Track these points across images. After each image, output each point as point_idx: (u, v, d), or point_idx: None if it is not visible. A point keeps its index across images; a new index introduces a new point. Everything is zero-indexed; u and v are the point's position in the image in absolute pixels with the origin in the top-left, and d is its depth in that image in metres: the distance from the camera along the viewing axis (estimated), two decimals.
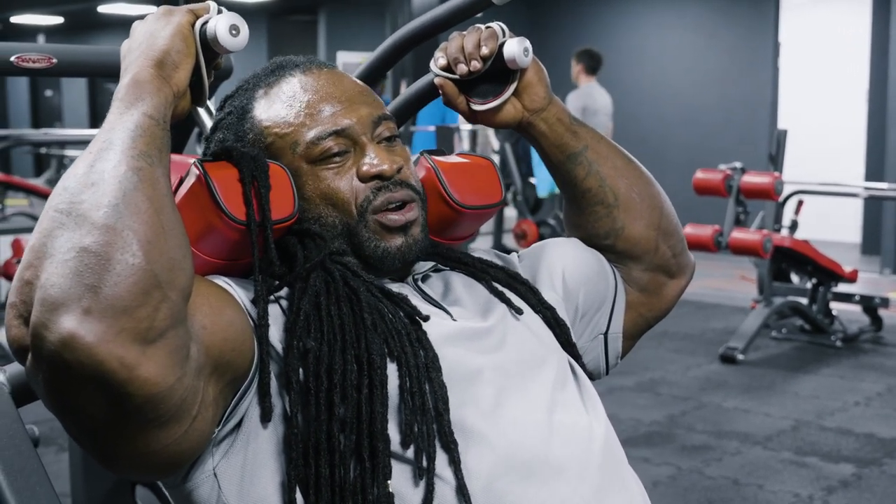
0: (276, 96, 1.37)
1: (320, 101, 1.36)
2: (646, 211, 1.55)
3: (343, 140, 1.34)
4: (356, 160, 1.35)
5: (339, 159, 1.34)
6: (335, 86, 1.38)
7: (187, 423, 1.08)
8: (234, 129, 1.38)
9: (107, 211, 1.02)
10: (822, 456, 4.19)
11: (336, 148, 1.34)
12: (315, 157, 1.33)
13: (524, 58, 1.43)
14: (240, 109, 1.39)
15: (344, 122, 1.35)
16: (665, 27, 11.67)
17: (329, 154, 1.33)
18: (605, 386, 5.09)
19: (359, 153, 1.35)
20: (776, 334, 6.36)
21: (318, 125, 1.34)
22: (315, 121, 1.34)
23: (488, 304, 1.40)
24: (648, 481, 3.87)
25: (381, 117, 1.38)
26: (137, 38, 1.22)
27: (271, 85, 1.39)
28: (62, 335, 0.97)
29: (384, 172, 1.34)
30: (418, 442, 1.19)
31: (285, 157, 1.34)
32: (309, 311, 1.23)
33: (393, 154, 1.37)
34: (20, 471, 1.33)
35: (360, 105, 1.37)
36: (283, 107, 1.36)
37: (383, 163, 1.34)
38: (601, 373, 1.58)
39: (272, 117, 1.36)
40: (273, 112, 1.36)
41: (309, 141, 1.33)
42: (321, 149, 1.33)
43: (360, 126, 1.35)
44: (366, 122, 1.36)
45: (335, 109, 1.35)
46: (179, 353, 1.04)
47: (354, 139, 1.35)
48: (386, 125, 1.38)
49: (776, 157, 6.38)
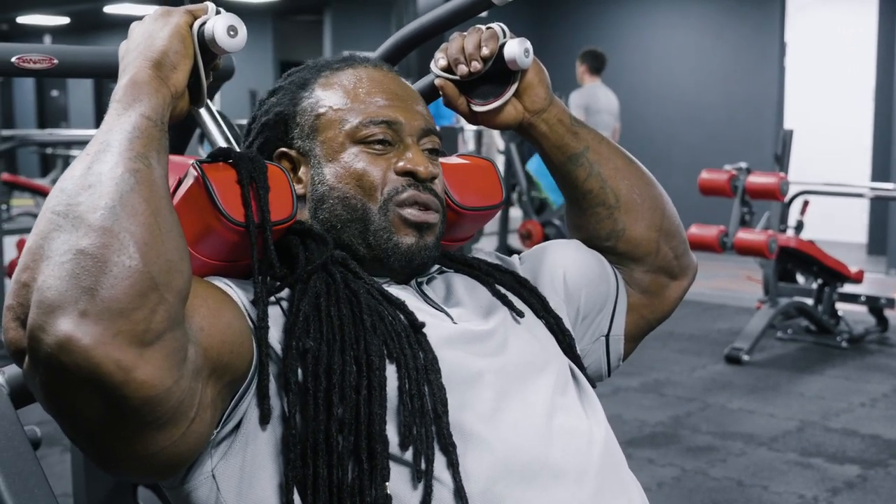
0: (340, 77, 1.42)
1: (380, 93, 1.40)
2: (647, 212, 1.55)
3: (391, 132, 1.37)
4: (397, 154, 1.37)
5: (380, 147, 1.37)
6: (398, 86, 1.43)
7: (185, 426, 1.08)
8: (290, 95, 1.42)
9: (103, 213, 1.02)
10: (827, 457, 4.18)
11: (381, 136, 1.36)
12: (359, 138, 1.36)
13: (525, 59, 1.43)
14: (302, 80, 1.43)
15: (396, 116, 1.38)
16: (670, 27, 11.66)
17: (374, 139, 1.36)
18: (609, 386, 5.09)
19: (401, 150, 1.38)
20: (781, 335, 6.35)
21: (373, 111, 1.37)
22: (370, 106, 1.38)
23: (490, 308, 1.40)
24: (653, 482, 3.86)
25: (430, 130, 1.41)
26: (135, 40, 1.21)
27: (339, 69, 1.43)
28: (58, 338, 0.97)
29: (419, 173, 1.36)
30: (417, 444, 1.18)
31: (331, 129, 1.37)
32: (308, 311, 1.23)
33: (432, 163, 1.39)
34: (18, 473, 1.32)
35: (415, 111, 1.41)
36: (345, 86, 1.40)
37: (420, 164, 1.36)
38: (603, 375, 1.58)
39: (331, 93, 1.40)
40: (333, 89, 1.40)
41: (359, 122, 1.37)
42: (368, 132, 1.36)
43: (409, 127, 1.38)
44: (416, 127, 1.39)
45: (391, 104, 1.39)
46: (177, 356, 1.04)
47: (401, 136, 1.38)
48: (432, 139, 1.41)
49: (782, 157, 6.37)
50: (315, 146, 1.38)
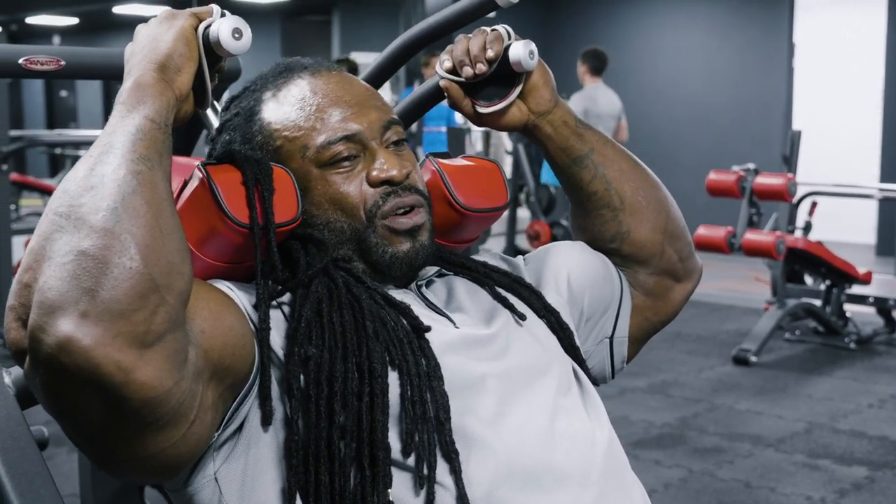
0: (284, 99, 1.37)
1: (330, 105, 1.36)
2: (652, 214, 1.54)
3: (353, 145, 1.34)
4: (366, 165, 1.35)
5: (348, 164, 1.34)
6: (344, 89, 1.39)
7: (185, 427, 1.08)
8: (241, 131, 1.38)
9: (105, 214, 1.02)
10: (835, 458, 4.17)
11: (346, 153, 1.34)
12: (324, 162, 1.33)
13: (529, 60, 1.43)
14: (247, 111, 1.39)
15: (354, 126, 1.35)
16: (678, 28, 11.64)
17: (339, 158, 1.34)
18: (616, 387, 5.09)
19: (368, 158, 1.35)
20: (789, 336, 6.34)
21: (328, 130, 1.34)
22: (325, 125, 1.34)
23: (491, 311, 1.40)
24: (660, 483, 3.86)
25: (389, 122, 1.38)
26: (140, 42, 1.22)
27: (279, 87, 1.39)
28: (59, 338, 0.97)
29: (394, 178, 1.34)
30: (419, 450, 1.18)
31: (294, 160, 1.34)
32: (310, 317, 1.23)
33: (402, 159, 1.37)
34: (24, 473, 1.33)
35: (369, 109, 1.37)
36: (293, 110, 1.36)
37: (392, 168, 1.34)
38: (607, 377, 1.57)
39: (281, 120, 1.36)
40: (282, 115, 1.36)
41: (319, 145, 1.33)
42: (331, 153, 1.33)
43: (369, 131, 1.36)
44: (375, 127, 1.36)
45: (345, 114, 1.35)
46: (177, 357, 1.04)
47: (364, 144, 1.35)
48: (394, 129, 1.39)
49: (790, 158, 6.36)
50: None
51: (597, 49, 8.27)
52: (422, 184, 1.40)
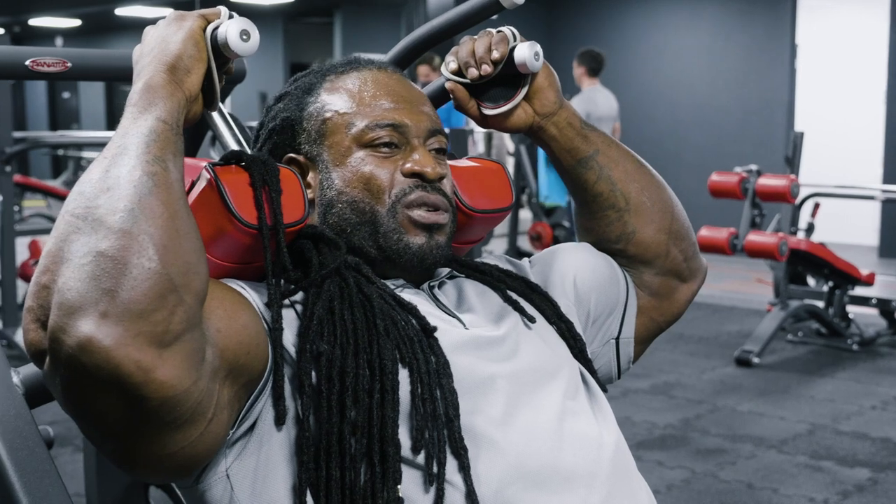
0: (345, 81, 1.42)
1: (385, 96, 1.40)
2: (657, 215, 1.55)
3: (397, 135, 1.37)
4: (403, 157, 1.38)
5: (387, 150, 1.37)
6: (403, 88, 1.43)
7: (203, 426, 1.09)
8: (297, 100, 1.43)
9: (123, 215, 1.03)
10: (837, 460, 4.17)
11: (387, 139, 1.37)
12: (366, 142, 1.37)
13: (535, 62, 1.43)
14: (307, 85, 1.44)
15: (402, 119, 1.38)
16: (681, 29, 11.65)
17: (380, 142, 1.37)
18: (619, 389, 5.09)
19: (407, 152, 1.38)
20: (792, 337, 6.33)
21: (377, 114, 1.38)
22: (375, 109, 1.38)
23: (501, 313, 1.41)
24: (662, 485, 3.86)
25: (436, 130, 1.42)
26: (149, 44, 1.23)
27: (343, 73, 1.43)
28: (79, 339, 0.98)
29: (427, 174, 1.36)
30: (429, 447, 1.19)
31: (338, 133, 1.38)
32: (322, 315, 1.24)
33: (439, 162, 1.40)
34: (33, 472, 1.33)
35: (420, 112, 1.41)
36: (350, 90, 1.40)
37: (428, 165, 1.37)
38: (613, 377, 1.58)
39: (336, 97, 1.40)
40: (339, 93, 1.41)
41: (365, 126, 1.37)
42: (374, 136, 1.37)
43: (415, 129, 1.39)
44: (422, 128, 1.39)
45: (397, 106, 1.39)
46: (195, 357, 1.05)
47: (407, 138, 1.38)
48: (438, 139, 1.42)
49: (792, 159, 6.35)
50: (322, 151, 1.38)
51: (592, 50, 8.23)
52: (451, 193, 1.42)
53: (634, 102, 11.38)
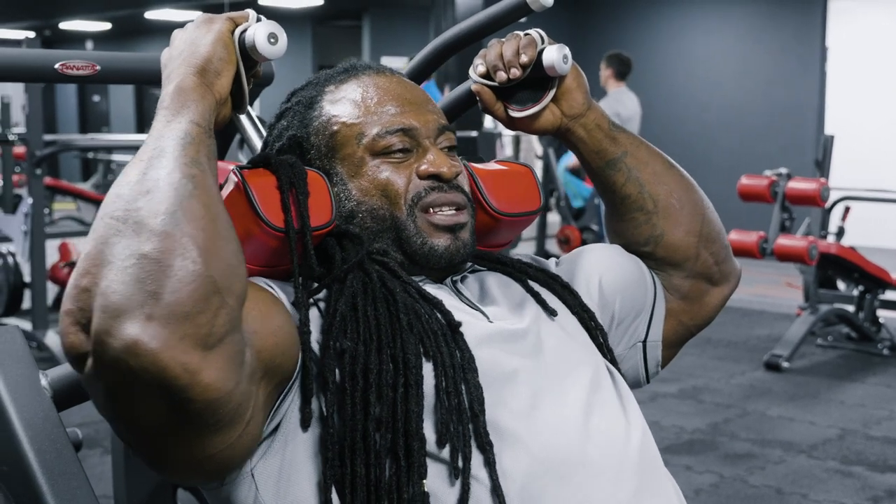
0: (346, 90, 1.40)
1: (390, 100, 1.39)
2: (686, 217, 1.54)
3: (407, 139, 1.36)
4: (417, 159, 1.37)
5: (401, 155, 1.36)
6: (406, 90, 1.41)
7: (241, 428, 1.10)
8: (300, 117, 1.41)
9: (164, 218, 1.03)
10: (868, 465, 4.14)
11: (400, 145, 1.36)
12: (378, 151, 1.36)
13: (563, 65, 1.43)
14: (308, 99, 1.42)
15: (411, 122, 1.37)
16: (710, 31, 11.60)
17: (392, 149, 1.36)
18: (647, 393, 5.07)
19: (420, 154, 1.37)
20: (822, 342, 6.30)
21: (386, 121, 1.36)
22: (383, 116, 1.37)
23: (523, 304, 1.40)
24: (691, 489, 3.84)
25: (444, 127, 1.41)
26: (178, 47, 1.23)
27: (343, 81, 1.42)
28: (126, 342, 0.98)
29: (443, 174, 1.36)
30: (454, 442, 1.18)
31: (349, 146, 1.36)
32: (345, 311, 1.23)
33: (453, 160, 1.39)
34: (61, 475, 1.34)
35: (426, 111, 1.40)
36: (353, 100, 1.39)
37: (443, 165, 1.36)
38: (641, 381, 1.57)
39: (341, 108, 1.39)
40: (342, 104, 1.39)
41: (375, 134, 1.36)
42: (385, 143, 1.36)
43: (425, 129, 1.38)
44: (431, 128, 1.38)
45: (404, 110, 1.38)
46: (237, 359, 1.05)
47: (418, 140, 1.37)
48: (447, 136, 1.41)
49: (822, 162, 6.32)
50: (335, 164, 1.37)
51: (621, 54, 8.21)
52: (468, 188, 1.41)
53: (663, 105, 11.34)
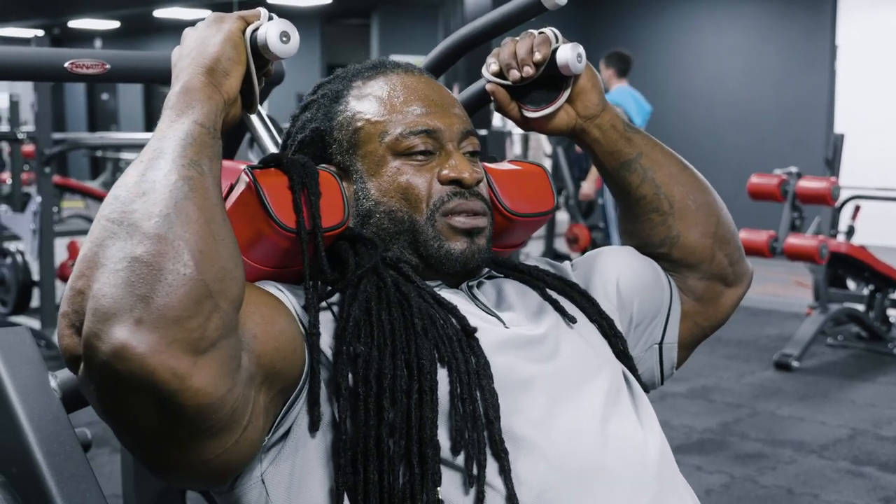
0: (373, 87, 1.39)
1: (416, 101, 1.37)
2: (702, 218, 1.53)
3: (431, 141, 1.35)
4: (439, 163, 1.36)
5: (423, 157, 1.35)
6: (432, 90, 1.40)
7: (238, 433, 1.08)
8: (324, 110, 1.40)
9: (158, 220, 1.02)
10: (879, 465, 4.12)
11: (422, 146, 1.35)
12: (400, 151, 1.34)
13: (577, 64, 1.41)
14: (334, 93, 1.41)
15: (436, 124, 1.36)
16: (720, 30, 11.58)
17: (415, 151, 1.34)
18: (657, 392, 5.05)
19: (443, 158, 1.36)
20: (832, 341, 6.27)
21: (410, 121, 1.35)
22: (407, 116, 1.35)
23: (541, 312, 1.39)
24: (701, 489, 3.83)
25: (469, 131, 1.39)
26: (188, 45, 1.22)
27: (370, 78, 1.41)
28: (114, 345, 0.97)
29: (465, 180, 1.34)
30: (468, 449, 1.17)
31: (371, 143, 1.35)
32: (359, 316, 1.22)
33: (475, 166, 1.38)
34: (70, 476, 1.33)
35: (451, 115, 1.38)
36: (379, 97, 1.37)
37: (465, 171, 1.35)
38: (656, 383, 1.56)
39: (366, 105, 1.37)
40: (368, 100, 1.38)
41: (398, 134, 1.34)
42: (408, 144, 1.34)
43: (448, 133, 1.36)
44: (455, 131, 1.37)
45: (429, 111, 1.37)
46: (231, 363, 1.04)
47: (441, 143, 1.36)
48: (471, 140, 1.39)
49: (833, 161, 6.30)
50: (356, 161, 1.36)
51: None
52: (487, 195, 1.40)
53: (672, 103, 11.32)
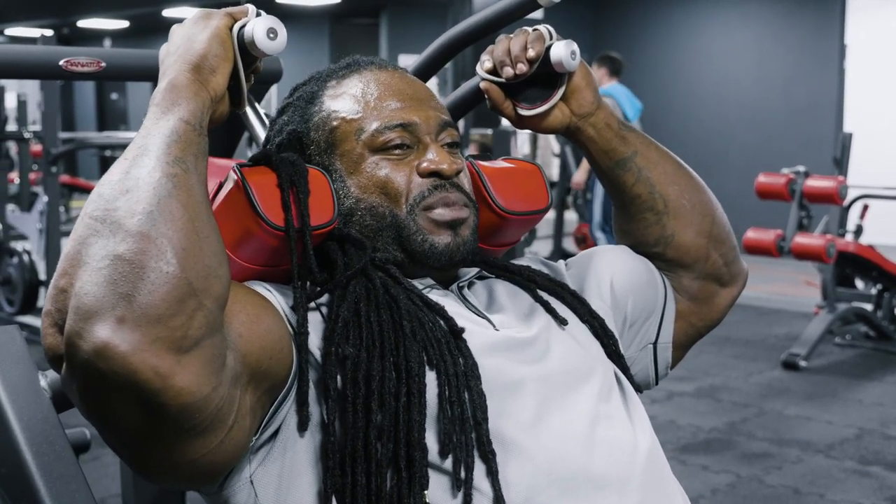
0: (347, 86, 1.38)
1: (391, 96, 1.36)
2: (696, 218, 1.52)
3: (407, 135, 1.34)
4: (417, 156, 1.34)
5: (400, 152, 1.34)
6: (407, 85, 1.39)
7: (223, 433, 1.07)
8: (300, 112, 1.39)
9: (141, 218, 1.01)
10: (886, 465, 4.11)
11: (399, 140, 1.33)
12: (377, 147, 1.33)
13: (571, 61, 1.40)
14: (309, 94, 1.40)
15: (411, 118, 1.34)
16: (728, 29, 11.55)
17: (392, 145, 1.33)
18: (664, 392, 5.05)
19: (421, 151, 1.35)
20: (840, 340, 6.26)
21: (386, 116, 1.34)
22: (383, 112, 1.34)
23: (532, 314, 1.38)
24: (707, 489, 3.82)
25: (446, 123, 1.38)
26: (175, 42, 1.21)
27: (344, 77, 1.40)
28: (96, 344, 0.96)
29: (443, 171, 1.33)
30: (456, 452, 1.16)
31: (348, 142, 1.34)
32: (348, 317, 1.21)
33: (454, 157, 1.36)
34: (59, 477, 1.32)
35: (428, 107, 1.37)
36: (354, 96, 1.36)
37: (443, 162, 1.33)
38: (650, 383, 1.55)
39: (341, 104, 1.36)
40: (343, 99, 1.37)
41: (374, 130, 1.33)
42: (385, 139, 1.33)
43: (425, 125, 1.35)
44: (432, 124, 1.36)
45: (404, 105, 1.35)
46: (215, 363, 1.03)
47: (419, 137, 1.35)
48: (449, 132, 1.38)
49: (841, 160, 6.28)
50: (334, 160, 1.34)
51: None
52: (469, 188, 1.39)
53: (681, 102, 11.30)
